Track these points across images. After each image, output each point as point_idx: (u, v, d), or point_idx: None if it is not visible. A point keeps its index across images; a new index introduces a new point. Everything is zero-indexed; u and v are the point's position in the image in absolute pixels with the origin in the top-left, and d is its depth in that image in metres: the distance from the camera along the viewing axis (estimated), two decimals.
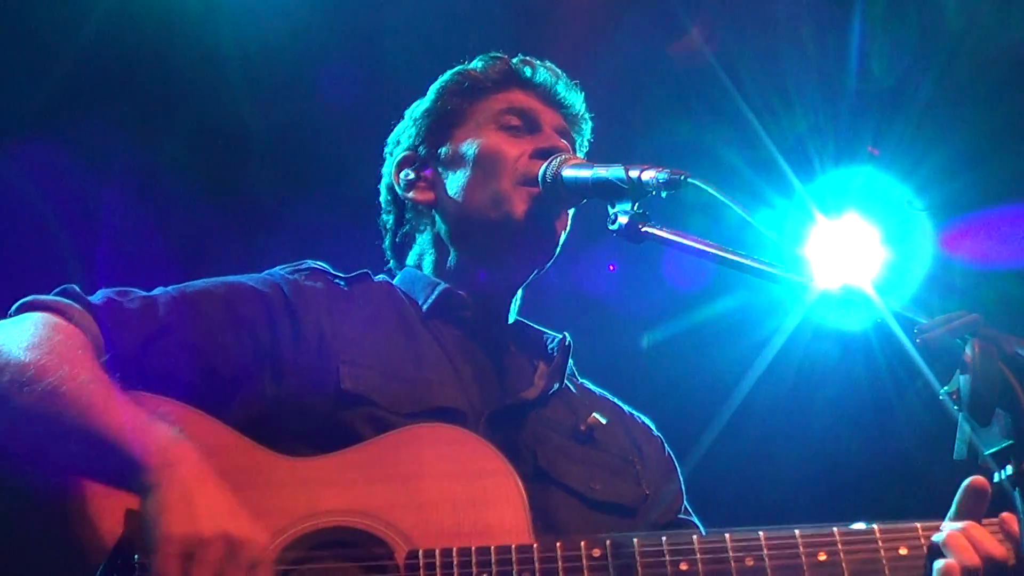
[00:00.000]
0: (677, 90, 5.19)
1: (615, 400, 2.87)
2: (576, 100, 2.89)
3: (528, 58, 2.89)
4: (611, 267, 5.44)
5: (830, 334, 5.19)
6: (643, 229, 2.35)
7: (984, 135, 5.09)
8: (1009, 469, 1.84)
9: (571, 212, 2.77)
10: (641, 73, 5.14)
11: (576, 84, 2.91)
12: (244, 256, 5.03)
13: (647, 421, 2.86)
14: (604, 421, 2.63)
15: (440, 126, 2.83)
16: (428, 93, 2.91)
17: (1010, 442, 1.84)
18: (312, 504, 2.18)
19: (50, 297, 2.34)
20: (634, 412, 2.86)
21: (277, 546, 2.13)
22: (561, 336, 2.76)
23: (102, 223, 4.79)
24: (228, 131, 4.88)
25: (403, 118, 2.97)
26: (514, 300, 2.80)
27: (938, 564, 2.16)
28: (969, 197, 5.13)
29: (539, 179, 2.61)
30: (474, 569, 2.13)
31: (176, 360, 2.33)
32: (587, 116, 2.93)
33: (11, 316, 2.31)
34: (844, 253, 5.16)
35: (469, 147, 2.75)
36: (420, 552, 2.13)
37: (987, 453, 1.88)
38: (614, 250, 5.25)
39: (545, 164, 2.62)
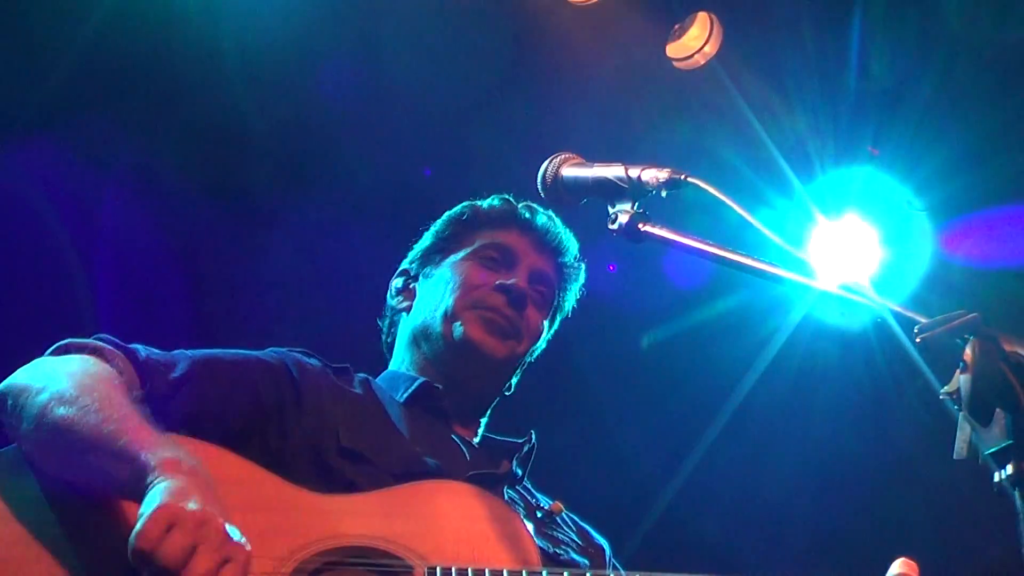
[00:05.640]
0: (677, 90, 5.19)
1: (575, 516, 2.97)
2: (569, 249, 3.14)
3: (532, 204, 3.12)
4: (611, 267, 5.45)
5: (830, 334, 5.19)
6: (643, 229, 2.36)
7: (984, 135, 5.08)
8: (1009, 469, 1.84)
9: (528, 360, 3.06)
10: (641, 73, 5.15)
11: (571, 233, 3.15)
12: (244, 256, 5.04)
13: (603, 543, 2.93)
14: (563, 510, 2.82)
15: (437, 248, 3.14)
16: (439, 220, 3.21)
17: (1010, 442, 1.85)
18: (334, 528, 2.29)
19: (89, 341, 2.48)
20: (592, 531, 2.94)
21: (296, 559, 2.23)
22: (526, 438, 2.94)
23: (102, 223, 4.80)
24: (228, 130, 4.88)
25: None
26: (482, 417, 3.02)
27: None
28: (969, 197, 5.13)
29: (539, 180, 2.62)
30: None
31: (194, 407, 2.49)
32: (580, 267, 3.19)
33: (49, 355, 2.44)
34: (844, 253, 5.17)
35: (446, 269, 3.05)
36: (439, 569, 2.23)
37: (987, 453, 1.89)
38: (614, 250, 5.26)
39: (545, 164, 2.62)
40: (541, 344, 3.14)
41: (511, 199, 3.17)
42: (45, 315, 4.47)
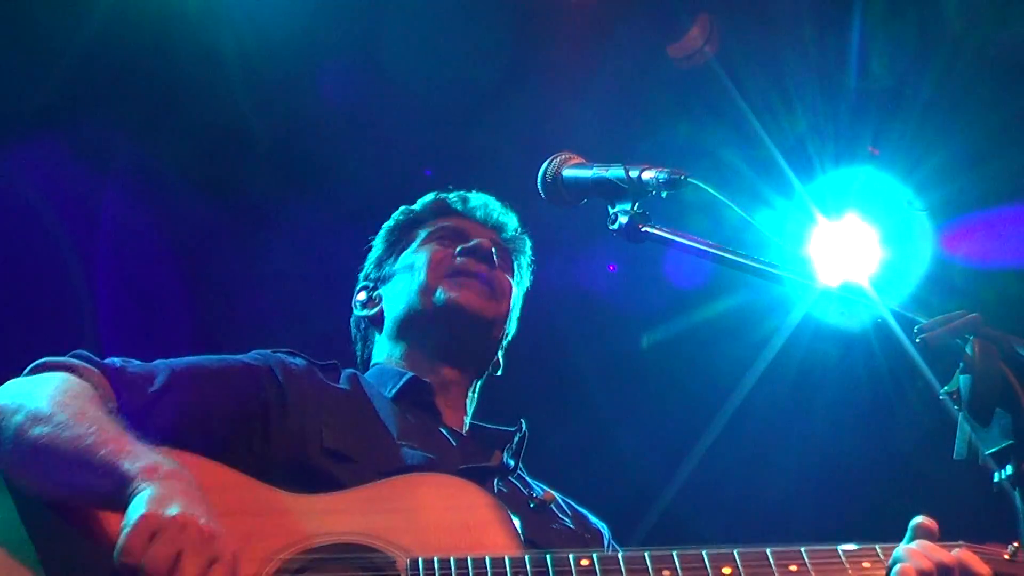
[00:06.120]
0: (677, 90, 5.19)
1: (571, 500, 2.98)
2: (510, 221, 3.21)
3: (464, 193, 3.23)
4: (611, 267, 5.44)
5: (830, 334, 5.19)
6: (643, 229, 2.37)
7: (984, 135, 5.08)
8: (1009, 469, 1.85)
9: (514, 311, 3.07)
10: (641, 73, 5.14)
11: (509, 207, 3.22)
12: (244, 256, 5.04)
13: (601, 526, 2.94)
14: (557, 497, 2.84)
15: (387, 253, 3.21)
16: (379, 233, 3.28)
17: (1010, 442, 1.85)
18: (317, 527, 2.30)
19: (64, 359, 2.48)
20: (589, 515, 2.95)
21: (279, 559, 2.24)
22: (517, 427, 2.94)
23: (102, 223, 4.80)
24: (228, 131, 4.88)
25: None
26: (469, 402, 3.03)
27: (896, 568, 2.20)
28: (969, 197, 5.13)
29: (539, 180, 2.63)
30: (471, 572, 2.22)
31: (175, 418, 2.48)
32: (525, 237, 3.24)
33: (26, 375, 2.44)
34: (844, 253, 5.16)
35: (405, 259, 3.12)
36: (420, 560, 2.23)
37: (987, 453, 1.89)
38: (614, 250, 5.25)
39: (545, 164, 2.63)
40: (514, 321, 3.15)
41: (441, 193, 3.26)
42: (45, 315, 4.47)
